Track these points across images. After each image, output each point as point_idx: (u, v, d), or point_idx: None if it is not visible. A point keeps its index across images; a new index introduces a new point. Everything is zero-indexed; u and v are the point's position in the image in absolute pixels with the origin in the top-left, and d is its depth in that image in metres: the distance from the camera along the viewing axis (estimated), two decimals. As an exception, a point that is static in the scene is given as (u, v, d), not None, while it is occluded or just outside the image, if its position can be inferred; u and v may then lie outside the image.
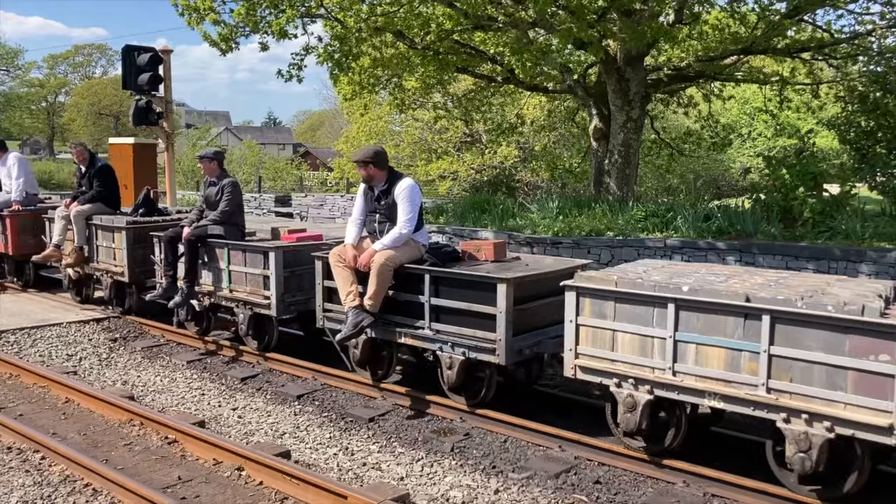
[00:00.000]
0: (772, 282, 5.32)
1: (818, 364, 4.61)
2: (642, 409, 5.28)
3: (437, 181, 26.40)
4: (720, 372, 4.98)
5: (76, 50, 73.31)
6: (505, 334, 6.02)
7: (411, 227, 6.72)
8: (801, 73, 17.10)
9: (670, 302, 5.10)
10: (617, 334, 5.41)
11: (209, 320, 8.80)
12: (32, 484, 5.19)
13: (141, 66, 13.35)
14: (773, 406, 4.76)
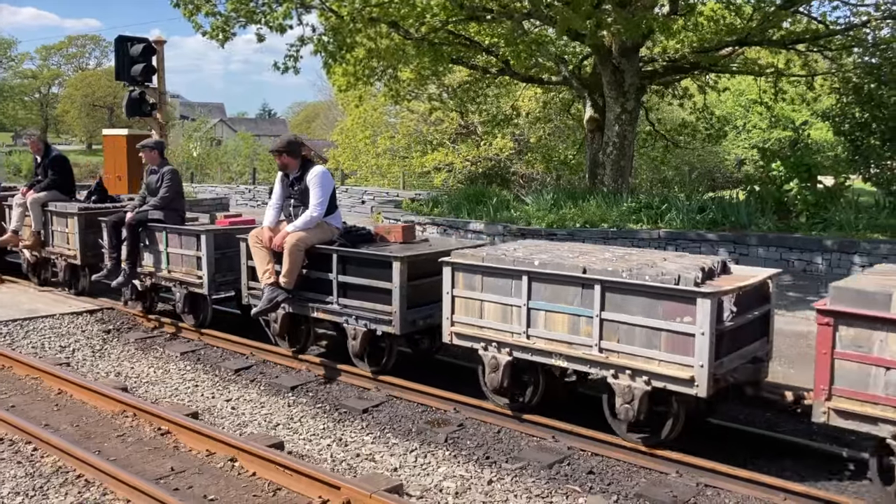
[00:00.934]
0: (617, 257, 5.88)
1: (639, 326, 5.25)
2: (503, 369, 5.92)
3: (433, 173, 26.38)
4: (564, 335, 5.63)
5: (69, 41, 72.96)
6: (400, 307, 6.65)
7: (322, 210, 7.33)
8: (796, 64, 17.10)
9: (524, 274, 5.75)
10: (484, 304, 6.05)
11: (152, 299, 9.41)
12: (24, 475, 5.18)
13: (134, 56, 13.28)
14: (604, 364, 5.42)
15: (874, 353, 4.42)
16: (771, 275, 5.81)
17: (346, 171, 31.22)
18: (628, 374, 5.30)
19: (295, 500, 4.79)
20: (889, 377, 4.37)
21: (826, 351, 4.58)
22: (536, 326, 5.77)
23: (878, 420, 4.42)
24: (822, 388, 4.62)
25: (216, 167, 37.05)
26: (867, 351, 4.45)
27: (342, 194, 24.57)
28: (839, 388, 4.57)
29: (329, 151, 35.12)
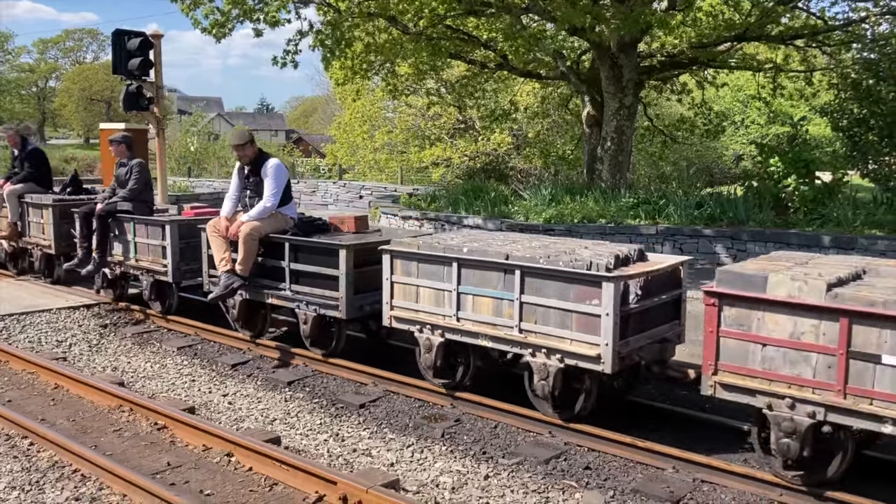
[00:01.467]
0: (542, 245, 6.28)
1: (554, 308, 5.64)
2: (436, 349, 6.32)
3: (431, 168, 26.34)
4: (489, 317, 6.02)
5: (67, 35, 72.81)
6: (346, 293, 7.03)
7: (275, 201, 7.64)
8: (794, 60, 17.10)
9: (454, 261, 6.13)
10: (419, 289, 6.45)
11: (122, 287, 9.82)
12: (20, 470, 5.18)
13: (131, 50, 13.21)
14: (523, 343, 5.82)
15: (753, 331, 4.77)
16: (682, 262, 6.19)
17: (344, 166, 31.16)
18: (544, 353, 5.70)
19: (291, 495, 4.79)
20: (765, 353, 4.74)
21: (712, 329, 4.91)
22: (465, 310, 6.15)
23: (755, 392, 4.79)
24: (709, 364, 4.96)
25: (214, 162, 36.97)
26: (747, 329, 4.80)
27: (340, 189, 24.57)
28: (724, 363, 4.91)
29: (327, 146, 35.10)
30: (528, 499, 4.86)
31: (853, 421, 4.49)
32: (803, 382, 4.62)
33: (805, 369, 4.62)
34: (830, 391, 4.52)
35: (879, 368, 4.36)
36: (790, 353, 4.66)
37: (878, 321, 4.34)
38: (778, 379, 4.70)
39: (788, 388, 4.67)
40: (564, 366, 5.61)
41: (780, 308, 4.65)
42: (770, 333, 4.70)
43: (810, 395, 4.59)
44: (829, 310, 4.48)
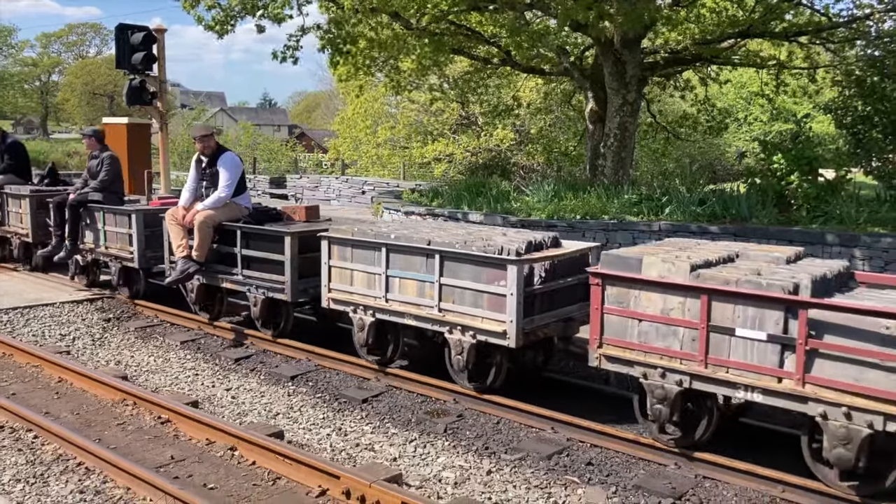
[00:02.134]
0: (466, 233, 6.86)
1: (468, 289, 6.22)
2: (368, 329, 6.89)
3: (433, 163, 26.31)
4: (413, 298, 6.59)
5: (70, 29, 72.64)
6: (291, 277, 7.57)
7: (229, 191, 8.18)
8: (798, 56, 17.04)
9: (383, 247, 6.71)
10: (354, 273, 7.03)
11: (94, 273, 10.31)
12: (25, 462, 5.20)
13: (135, 45, 13.20)
14: (442, 321, 6.37)
15: (630, 308, 5.33)
16: (590, 247, 6.78)
17: (347, 161, 31.15)
18: (460, 330, 6.25)
19: (294, 489, 4.81)
20: (641, 327, 5.28)
21: (598, 307, 5.44)
22: (393, 291, 6.73)
23: (633, 363, 5.33)
24: (595, 338, 5.52)
25: (216, 156, 36.93)
26: (626, 306, 5.35)
27: (342, 184, 24.56)
28: (607, 337, 5.46)
29: (329, 141, 35.09)
30: (530, 494, 4.88)
31: (713, 388, 5.03)
32: (672, 354, 5.15)
33: (674, 342, 5.15)
34: (694, 361, 5.05)
35: (734, 340, 4.89)
36: (661, 328, 5.19)
37: (731, 298, 4.87)
38: (651, 351, 5.25)
39: (660, 360, 5.20)
40: (477, 341, 6.18)
41: (652, 287, 5.20)
42: (645, 310, 5.25)
43: (678, 365, 5.13)
44: (692, 288, 5.01)
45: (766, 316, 4.74)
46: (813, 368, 4.61)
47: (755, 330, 4.80)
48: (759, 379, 4.82)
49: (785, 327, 4.70)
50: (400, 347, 7.05)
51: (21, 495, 4.75)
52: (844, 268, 5.38)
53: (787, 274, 5.01)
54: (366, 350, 7.04)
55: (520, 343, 5.97)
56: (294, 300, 7.67)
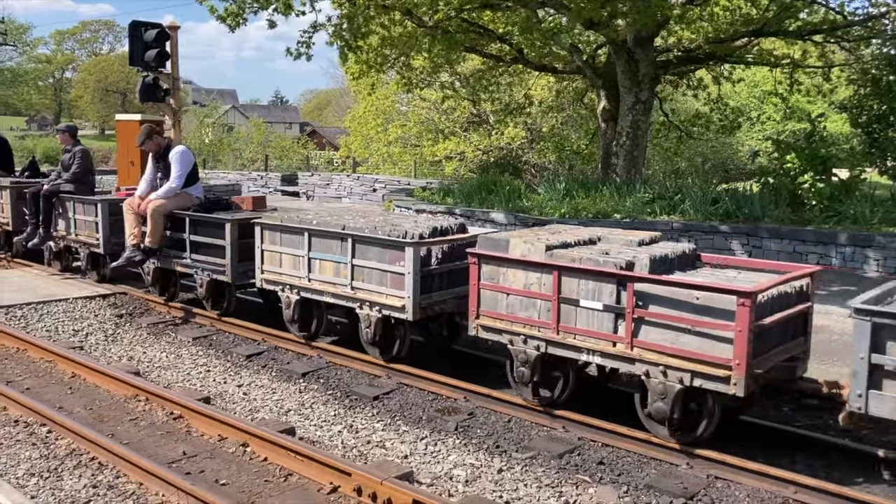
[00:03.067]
0: (384, 220, 7.61)
1: (375, 269, 6.91)
2: (294, 306, 7.59)
3: (444, 162, 26.31)
4: (331, 277, 7.27)
5: (83, 26, 73.14)
6: (231, 260, 8.27)
7: (180, 182, 8.91)
8: (812, 55, 16.93)
9: (306, 231, 7.40)
10: (282, 255, 7.69)
11: (67, 259, 11.01)
12: (39, 457, 5.23)
13: (148, 42, 13.25)
14: (353, 298, 7.09)
15: (500, 283, 6.05)
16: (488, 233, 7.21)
17: (358, 159, 31.18)
18: (368, 306, 6.96)
19: (306, 485, 4.82)
20: (508, 300, 6.01)
21: (475, 283, 6.17)
22: (314, 272, 7.41)
23: (502, 331, 6.06)
24: (473, 310, 6.22)
25: (228, 154, 37.09)
26: (496, 282, 6.06)
27: (354, 182, 24.60)
28: (483, 310, 6.17)
29: (341, 139, 35.12)
30: (541, 493, 4.87)
31: (564, 352, 5.72)
32: (532, 323, 5.86)
33: (533, 312, 5.86)
34: (549, 329, 5.76)
35: (579, 310, 5.60)
36: (524, 300, 5.91)
37: (576, 273, 5.58)
38: (516, 321, 5.96)
39: (523, 328, 5.92)
40: (382, 315, 6.88)
41: (516, 265, 5.93)
42: (511, 285, 5.99)
43: (537, 332, 5.83)
44: (546, 265, 5.73)
45: (603, 289, 5.45)
46: (640, 334, 5.29)
47: (594, 301, 5.52)
48: (598, 343, 5.52)
49: (617, 298, 5.39)
50: (324, 323, 7.73)
51: (35, 489, 4.78)
52: (690, 250, 6.09)
53: (630, 253, 5.67)
54: (295, 326, 7.70)
55: (417, 316, 6.70)
56: (234, 282, 8.36)
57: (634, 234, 6.50)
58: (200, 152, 36.20)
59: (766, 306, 5.16)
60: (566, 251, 5.82)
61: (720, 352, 4.94)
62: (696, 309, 5.02)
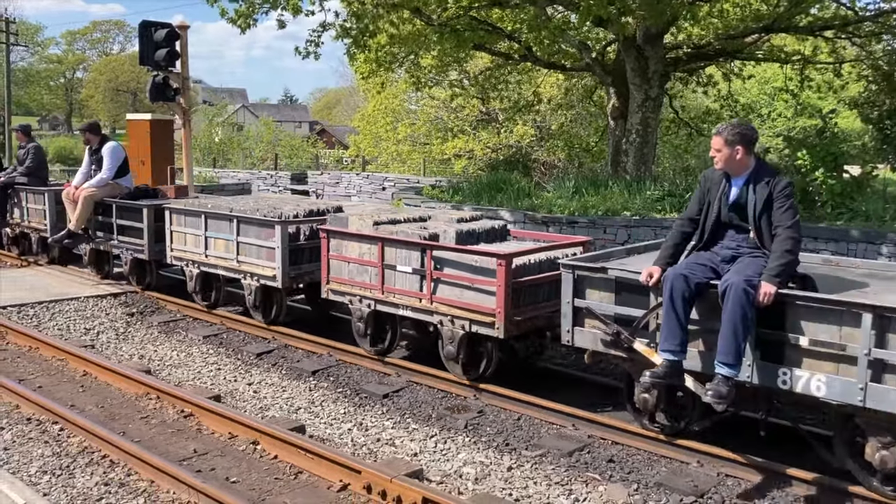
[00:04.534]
0: (269, 204, 8.63)
1: (254, 245, 8.13)
2: (195, 278, 8.92)
3: (453, 160, 26.28)
4: (222, 253, 8.51)
5: (94, 26, 73.46)
6: (148, 241, 9.53)
7: (110, 173, 10.14)
8: (823, 51, 16.81)
9: (203, 214, 8.69)
10: (186, 235, 8.96)
11: (24, 244, 12.11)
12: (51, 454, 5.27)
13: (158, 41, 13.29)
14: (238, 270, 8.34)
15: (343, 254, 7.26)
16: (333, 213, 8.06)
17: (367, 158, 31.19)
18: (250, 276, 8.21)
19: (316, 483, 4.83)
20: (349, 267, 7.25)
21: (325, 254, 7.39)
22: (210, 249, 8.65)
23: (345, 293, 7.32)
24: (325, 277, 7.43)
25: (238, 153, 37.19)
26: (340, 252, 7.28)
27: (363, 180, 24.63)
28: (332, 276, 7.39)
29: (350, 137, 35.15)
30: (551, 491, 4.87)
31: (388, 308, 6.96)
32: (365, 286, 7.10)
33: (366, 277, 7.09)
34: (377, 290, 6.98)
35: (397, 274, 6.82)
36: (359, 267, 7.15)
37: (393, 244, 6.81)
38: (354, 284, 7.20)
39: (360, 290, 7.15)
40: (260, 284, 8.12)
41: (353, 238, 7.18)
42: (350, 254, 7.21)
43: (369, 293, 7.07)
44: (373, 237, 6.97)
45: (412, 256, 6.69)
46: (437, 291, 6.53)
47: (406, 266, 6.73)
48: (409, 300, 6.75)
49: (422, 263, 6.59)
50: (222, 294, 8.93)
51: (48, 486, 4.81)
52: (500, 226, 7.34)
53: (443, 228, 6.90)
54: (199, 297, 8.99)
55: (286, 284, 7.93)
56: (150, 259, 9.62)
57: (460, 215, 7.77)
58: (211, 151, 36.31)
59: (525, 268, 6.33)
60: (389, 226, 7.09)
61: (489, 303, 6.15)
62: (474, 270, 6.28)
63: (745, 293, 4.59)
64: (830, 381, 4.50)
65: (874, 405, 4.36)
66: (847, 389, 4.44)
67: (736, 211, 5.07)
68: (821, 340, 4.54)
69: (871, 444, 4.55)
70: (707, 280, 4.87)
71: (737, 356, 4.65)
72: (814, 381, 4.56)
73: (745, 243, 5.05)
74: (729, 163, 5.09)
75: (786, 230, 4.80)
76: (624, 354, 5.37)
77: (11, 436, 5.58)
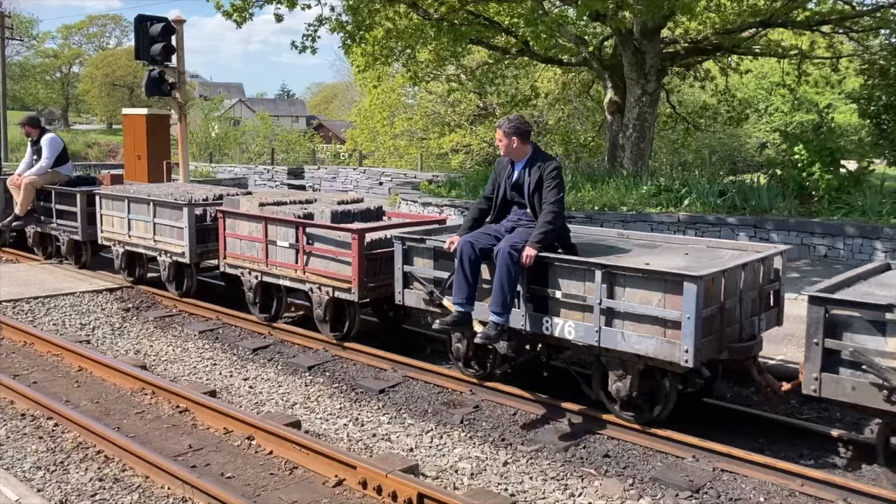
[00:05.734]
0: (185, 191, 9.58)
1: (167, 226, 9.09)
2: (121, 256, 9.94)
3: (450, 154, 26.28)
4: (143, 234, 9.47)
5: (90, 20, 73.12)
6: (81, 224, 10.55)
7: (49, 162, 11.06)
8: (820, 46, 16.82)
9: (126, 199, 9.66)
10: (113, 218, 9.91)
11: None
12: (46, 450, 5.25)
13: (153, 36, 13.26)
14: (155, 248, 9.35)
15: (236, 232, 8.21)
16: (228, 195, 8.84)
17: (364, 152, 31.17)
18: (164, 253, 9.21)
19: (311, 478, 4.82)
20: (241, 244, 8.17)
21: (222, 232, 8.33)
22: (133, 230, 9.62)
23: (238, 267, 8.27)
24: (222, 252, 8.40)
25: (235, 147, 37.12)
26: (235, 231, 8.24)
27: (360, 175, 24.61)
28: (227, 252, 8.34)
29: (347, 132, 35.08)
30: (546, 486, 4.86)
31: (271, 279, 7.93)
32: (254, 259, 8.03)
33: (254, 251, 8.02)
34: (263, 263, 7.92)
35: (278, 249, 7.75)
36: (249, 243, 8.07)
37: (275, 222, 7.77)
38: (245, 259, 8.14)
39: (249, 264, 8.09)
40: (172, 260, 9.11)
41: (243, 217, 8.14)
42: (241, 232, 8.15)
43: (256, 266, 8.03)
44: (259, 217, 7.93)
45: (289, 233, 7.58)
46: (309, 263, 7.47)
47: (285, 241, 7.63)
48: (288, 271, 7.70)
49: (297, 239, 7.49)
50: (146, 270, 9.97)
51: (42, 482, 4.80)
52: (376, 207, 8.20)
53: (321, 209, 7.77)
54: (125, 273, 10.00)
55: (194, 260, 8.91)
56: (84, 240, 10.64)
57: (343, 197, 8.74)
58: (207, 146, 36.24)
59: (379, 243, 7.17)
60: (273, 207, 7.96)
61: (346, 272, 7.11)
62: (336, 244, 7.21)
63: (510, 255, 5.60)
64: (577, 326, 5.52)
65: (606, 344, 5.36)
66: (588, 332, 5.44)
67: (516, 190, 6.06)
68: (571, 294, 5.55)
69: (610, 378, 5.48)
70: (490, 246, 5.83)
71: (504, 306, 5.64)
72: (566, 326, 5.59)
73: (525, 217, 6.03)
74: (509, 150, 6.02)
75: (549, 205, 5.76)
76: (438, 309, 6.28)
77: (6, 431, 5.57)
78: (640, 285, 5.19)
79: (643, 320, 5.18)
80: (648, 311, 5.15)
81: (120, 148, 39.89)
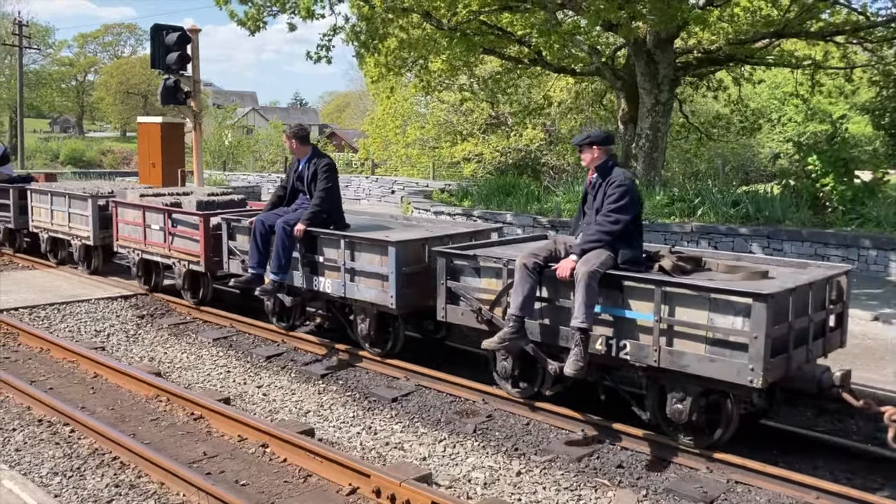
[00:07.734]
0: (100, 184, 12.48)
1: (79, 214, 10.93)
2: (47, 241, 11.82)
3: (462, 163, 26.30)
4: (62, 222, 11.24)
5: (105, 29, 73.78)
6: (14, 215, 12.39)
7: None
8: (834, 56, 16.76)
9: (49, 193, 11.57)
10: (41, 209, 11.73)
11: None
12: (62, 456, 5.30)
13: (169, 45, 13.38)
14: (70, 233, 11.16)
15: (123, 218, 10.05)
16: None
17: (377, 161, 31.24)
18: (75, 238, 11.07)
19: (325, 486, 4.84)
20: (129, 228, 9.96)
21: (115, 219, 10.17)
22: (54, 219, 11.43)
23: (128, 248, 10.13)
24: (115, 237, 10.20)
25: (248, 155, 37.30)
26: (123, 218, 10.06)
27: (372, 184, 24.67)
28: (120, 235, 10.14)
29: (359, 141, 35.17)
30: (560, 496, 4.86)
31: (149, 256, 9.76)
32: (137, 241, 9.83)
33: (137, 234, 9.78)
34: (142, 244, 9.72)
35: (153, 231, 9.48)
36: (134, 227, 9.84)
37: (150, 210, 9.54)
38: (131, 241, 9.95)
39: (134, 245, 9.90)
40: (81, 243, 10.93)
41: (129, 206, 9.99)
42: (128, 218, 9.95)
43: (139, 247, 9.81)
44: (138, 206, 9.77)
45: (160, 218, 9.34)
46: (173, 243, 9.25)
47: (156, 225, 9.42)
48: (159, 249, 9.47)
49: (165, 223, 9.26)
50: (67, 253, 11.44)
51: (59, 488, 4.84)
52: (239, 198, 9.85)
53: (189, 199, 9.37)
54: (51, 255, 11.76)
55: (97, 243, 10.65)
56: (17, 228, 12.54)
57: (216, 189, 10.88)
58: (221, 154, 36.43)
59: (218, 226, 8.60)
60: (150, 198, 9.88)
61: (197, 249, 8.91)
62: (191, 226, 8.97)
63: (284, 230, 7.39)
64: (333, 283, 7.35)
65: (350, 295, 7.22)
66: (337, 287, 7.31)
67: (300, 181, 7.73)
68: (330, 259, 7.39)
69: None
70: (272, 223, 7.51)
71: (280, 268, 7.46)
72: (326, 283, 7.43)
73: (306, 202, 7.65)
74: (292, 150, 7.82)
75: (318, 192, 7.45)
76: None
77: (23, 437, 5.62)
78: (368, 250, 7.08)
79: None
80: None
81: (134, 155, 40.19)
